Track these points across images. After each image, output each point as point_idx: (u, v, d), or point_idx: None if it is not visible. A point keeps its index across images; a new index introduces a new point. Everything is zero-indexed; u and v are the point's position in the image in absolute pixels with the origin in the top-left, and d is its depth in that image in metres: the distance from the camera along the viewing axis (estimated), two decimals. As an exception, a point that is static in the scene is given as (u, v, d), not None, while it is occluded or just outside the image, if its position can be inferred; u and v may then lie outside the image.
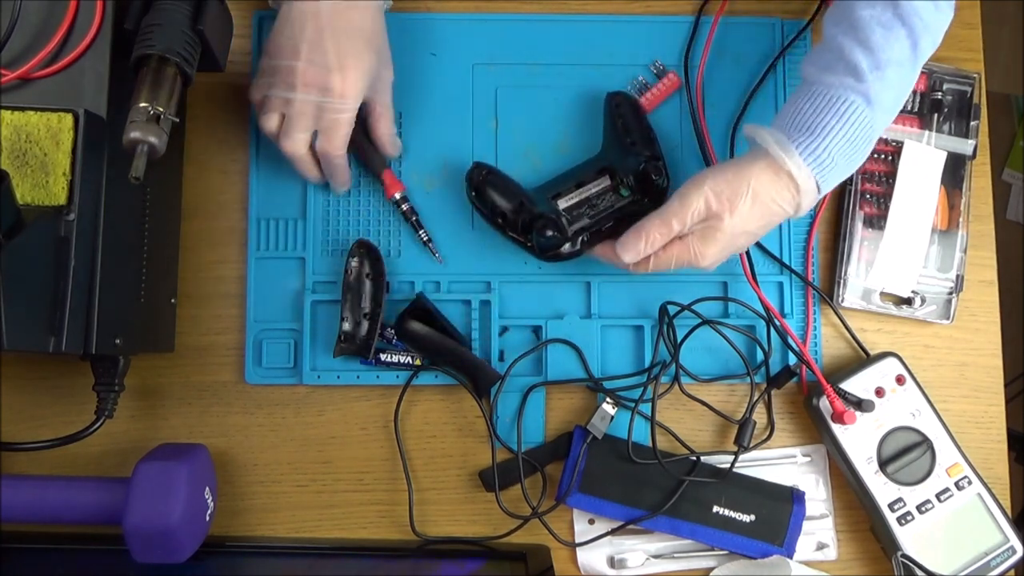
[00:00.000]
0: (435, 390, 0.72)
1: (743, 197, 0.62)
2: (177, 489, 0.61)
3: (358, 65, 0.63)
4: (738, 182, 0.62)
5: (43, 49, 0.60)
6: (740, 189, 0.62)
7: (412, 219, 0.72)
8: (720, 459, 0.71)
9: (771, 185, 0.62)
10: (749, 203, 0.62)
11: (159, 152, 0.57)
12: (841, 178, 0.64)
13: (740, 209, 0.62)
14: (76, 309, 0.58)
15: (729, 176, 0.62)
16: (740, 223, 0.62)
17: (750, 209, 0.62)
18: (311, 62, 0.62)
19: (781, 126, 0.63)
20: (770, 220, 0.64)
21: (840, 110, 0.61)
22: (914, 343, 0.74)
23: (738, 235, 0.63)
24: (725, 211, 0.62)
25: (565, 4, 0.76)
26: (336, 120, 0.64)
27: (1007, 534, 0.68)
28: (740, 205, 0.62)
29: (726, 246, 0.64)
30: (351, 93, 0.63)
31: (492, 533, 0.71)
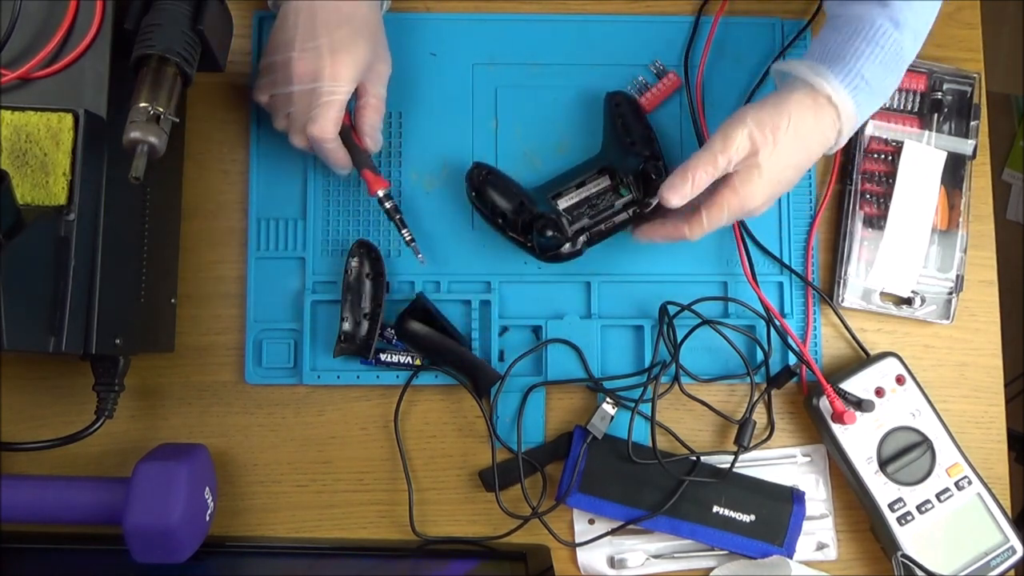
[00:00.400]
0: (435, 390, 0.72)
1: (784, 128, 0.61)
2: (177, 489, 0.61)
3: (349, 50, 0.63)
4: (778, 114, 0.62)
5: (43, 49, 0.60)
6: (781, 121, 0.61)
7: (396, 217, 0.70)
8: (720, 459, 0.71)
9: (811, 113, 0.62)
10: (792, 134, 0.61)
11: (159, 152, 0.57)
12: (877, 104, 0.64)
13: (783, 141, 0.61)
14: (76, 309, 0.58)
15: (769, 109, 0.62)
16: (784, 156, 0.62)
17: (793, 140, 0.62)
18: (303, 51, 0.63)
19: (812, 57, 0.63)
20: (812, 151, 0.64)
21: (869, 35, 0.61)
22: (914, 343, 0.74)
23: (783, 169, 0.63)
24: (768, 144, 0.61)
25: (565, 4, 0.76)
26: (326, 103, 0.63)
27: (1007, 534, 0.68)
28: (782, 137, 0.61)
29: (773, 182, 0.63)
30: (341, 76, 0.63)
31: (492, 533, 0.71)
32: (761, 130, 0.61)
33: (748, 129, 0.61)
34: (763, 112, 0.62)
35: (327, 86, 0.63)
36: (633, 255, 0.72)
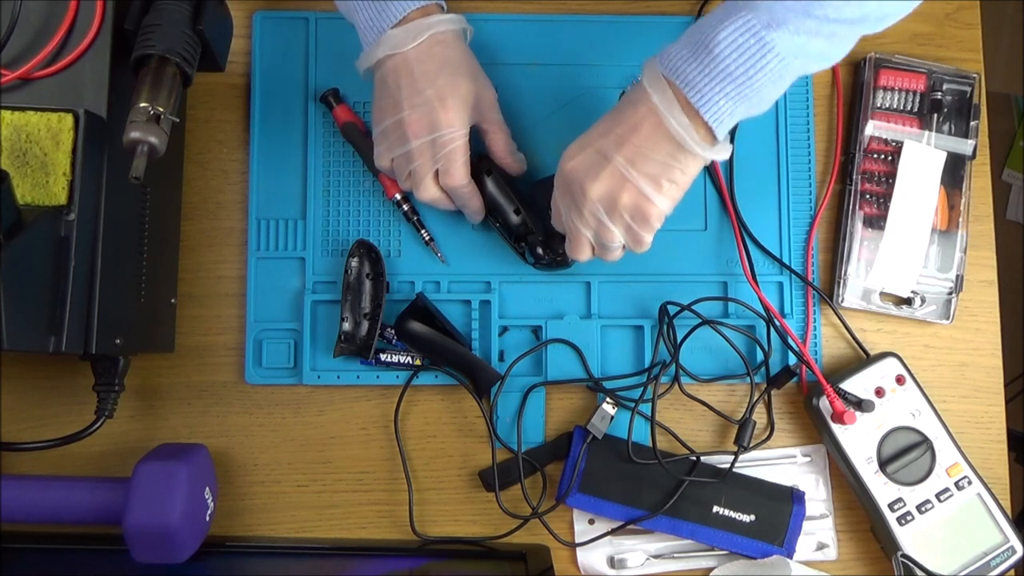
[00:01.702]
0: (435, 390, 0.72)
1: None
2: (177, 489, 0.61)
3: (456, 93, 0.63)
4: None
5: (43, 49, 0.60)
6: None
7: (413, 219, 0.72)
8: (720, 459, 0.71)
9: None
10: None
11: (159, 152, 0.57)
12: (723, 94, 0.53)
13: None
14: (76, 309, 0.58)
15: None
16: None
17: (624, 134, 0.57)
18: (413, 108, 0.63)
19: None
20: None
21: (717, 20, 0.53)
22: (914, 343, 0.74)
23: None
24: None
25: (565, 4, 0.76)
26: (450, 152, 0.63)
27: (1007, 534, 0.68)
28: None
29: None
30: (456, 121, 0.63)
31: (492, 533, 0.71)
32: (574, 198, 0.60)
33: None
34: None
35: (446, 135, 0.63)
36: (633, 255, 0.72)
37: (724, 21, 0.52)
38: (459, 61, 0.64)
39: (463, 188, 0.66)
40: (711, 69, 0.53)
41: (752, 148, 0.75)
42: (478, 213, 0.69)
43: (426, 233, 0.72)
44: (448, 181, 0.65)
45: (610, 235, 0.60)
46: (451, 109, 0.63)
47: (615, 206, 0.58)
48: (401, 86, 0.63)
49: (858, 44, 0.78)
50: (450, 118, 0.63)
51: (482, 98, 0.66)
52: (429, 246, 0.72)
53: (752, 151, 0.75)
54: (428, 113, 0.62)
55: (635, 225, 0.59)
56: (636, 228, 0.60)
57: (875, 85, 0.74)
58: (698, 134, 0.55)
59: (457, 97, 0.63)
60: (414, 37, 0.62)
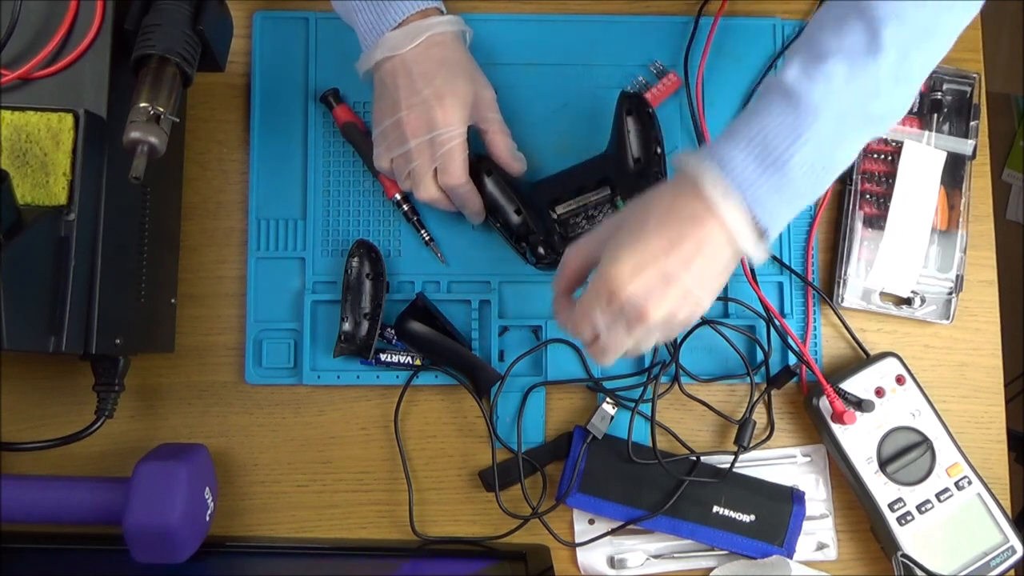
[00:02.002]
0: (435, 390, 0.72)
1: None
2: (177, 489, 0.61)
3: (453, 93, 0.63)
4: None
5: (43, 49, 0.60)
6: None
7: (413, 219, 0.72)
8: (720, 459, 0.71)
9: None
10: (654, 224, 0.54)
11: (159, 152, 0.57)
12: (765, 189, 0.52)
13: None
14: (76, 309, 0.58)
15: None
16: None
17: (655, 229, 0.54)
18: (411, 107, 0.63)
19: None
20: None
21: (756, 108, 0.53)
22: (914, 343, 0.74)
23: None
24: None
25: (565, 4, 0.76)
26: (448, 151, 0.63)
27: (1007, 534, 0.68)
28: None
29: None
30: (453, 119, 0.63)
31: (492, 533, 0.71)
32: (626, 316, 0.53)
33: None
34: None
35: (444, 133, 0.63)
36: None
37: (795, 135, 0.51)
38: (457, 62, 0.65)
39: (462, 187, 0.66)
40: (783, 191, 0.51)
41: (752, 148, 0.74)
42: (478, 214, 0.69)
43: (426, 233, 0.72)
44: (447, 180, 0.65)
45: (652, 344, 0.56)
46: (448, 108, 0.63)
47: (671, 321, 0.54)
48: (399, 87, 0.63)
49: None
50: (447, 117, 0.63)
51: (481, 98, 0.66)
52: (429, 246, 0.72)
53: (752, 151, 0.74)
54: (426, 112, 0.63)
55: (678, 330, 0.56)
56: (677, 332, 0.56)
57: (875, 85, 0.74)
58: (759, 244, 0.53)
59: (455, 96, 0.63)
60: (412, 39, 0.62)
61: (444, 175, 0.65)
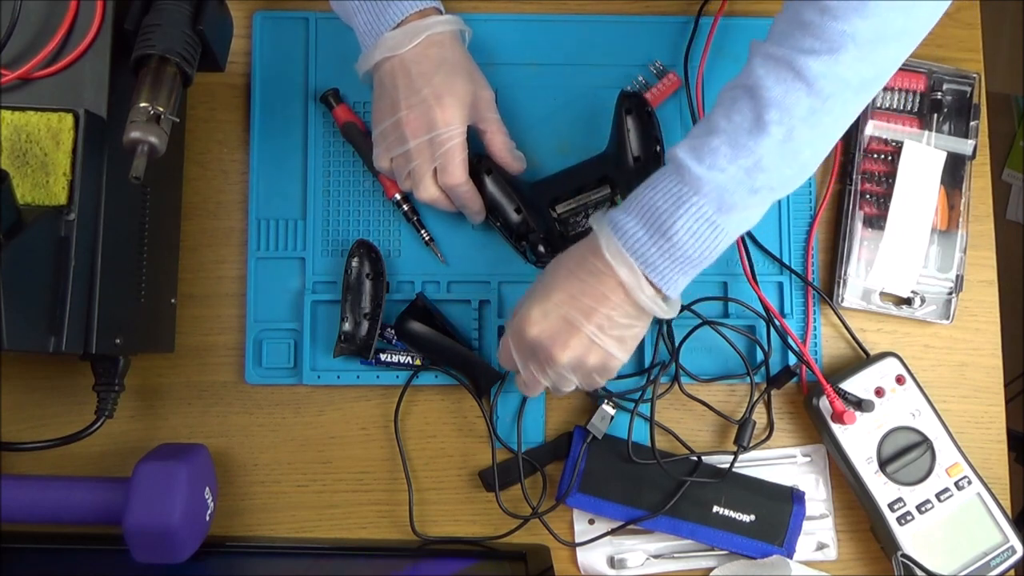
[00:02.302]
0: (435, 390, 0.72)
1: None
2: (177, 489, 0.61)
3: (452, 92, 0.63)
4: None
5: (43, 49, 0.60)
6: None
7: (413, 219, 0.72)
8: (720, 459, 0.71)
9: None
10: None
11: (159, 152, 0.57)
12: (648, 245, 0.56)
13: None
14: (76, 309, 0.58)
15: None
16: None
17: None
18: (411, 108, 0.63)
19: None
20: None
21: (652, 179, 0.57)
22: (914, 343, 0.74)
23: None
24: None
25: (565, 4, 0.76)
26: (448, 151, 0.64)
27: (1007, 534, 0.68)
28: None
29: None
30: (453, 119, 0.63)
31: (492, 533, 0.71)
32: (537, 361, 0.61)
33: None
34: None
35: (443, 133, 0.63)
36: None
37: (678, 206, 0.55)
38: (456, 61, 0.65)
39: (462, 187, 0.66)
40: (671, 255, 0.56)
41: (752, 148, 0.75)
42: (478, 214, 0.69)
43: (426, 233, 0.72)
44: (447, 179, 0.65)
45: (570, 386, 0.62)
46: (448, 108, 0.63)
47: (582, 367, 0.60)
48: (398, 87, 0.63)
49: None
50: (447, 117, 0.63)
51: (479, 98, 0.66)
52: (429, 246, 0.72)
53: (752, 151, 0.75)
54: (425, 112, 0.63)
55: (597, 377, 0.61)
56: (598, 379, 0.62)
57: (875, 85, 0.74)
58: (660, 301, 0.58)
59: (453, 96, 0.63)
60: (411, 39, 0.63)
61: (444, 175, 0.65)
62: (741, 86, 0.55)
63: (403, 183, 0.67)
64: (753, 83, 0.54)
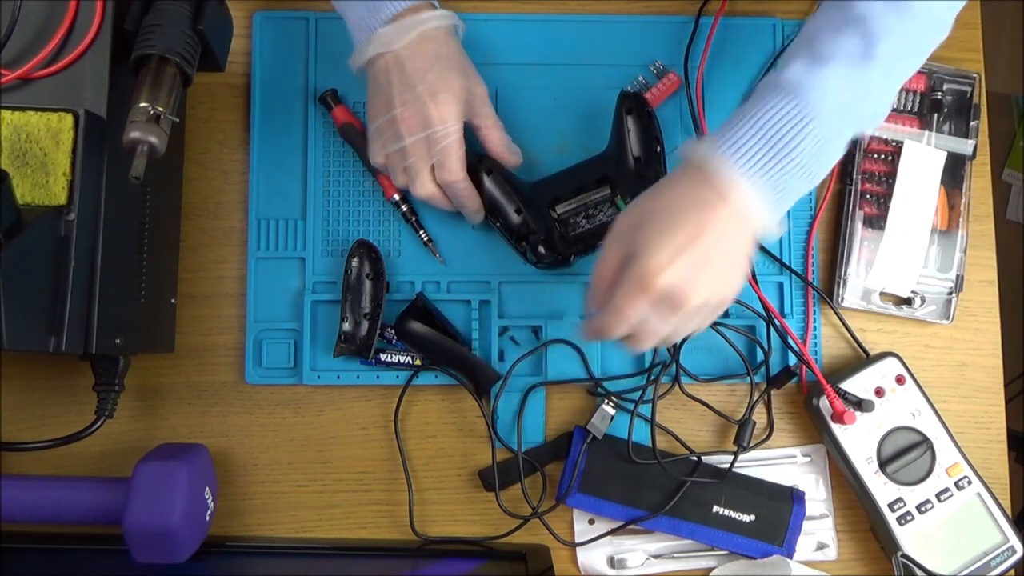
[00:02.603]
0: (435, 390, 0.72)
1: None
2: (177, 489, 0.61)
3: (448, 88, 0.63)
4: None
5: (43, 49, 0.60)
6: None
7: (412, 220, 0.72)
8: (720, 459, 0.71)
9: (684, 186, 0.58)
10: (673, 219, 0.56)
11: (159, 152, 0.57)
12: (769, 174, 0.56)
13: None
14: (76, 309, 0.58)
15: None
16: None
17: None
18: (406, 105, 0.63)
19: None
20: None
21: (758, 103, 0.56)
22: (914, 343, 0.74)
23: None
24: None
25: (565, 4, 0.76)
26: (445, 147, 0.63)
27: (1007, 534, 0.68)
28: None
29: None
30: (449, 116, 0.63)
31: (492, 533, 0.71)
32: (669, 299, 0.55)
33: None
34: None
35: (440, 130, 0.63)
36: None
37: (799, 129, 0.55)
38: (450, 57, 0.64)
39: (459, 184, 0.65)
40: (786, 176, 0.56)
41: (752, 148, 0.75)
42: (476, 213, 0.68)
43: (424, 234, 0.72)
44: (445, 176, 0.65)
45: (689, 331, 0.59)
46: (443, 104, 0.63)
47: (707, 307, 0.57)
48: (392, 83, 0.63)
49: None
50: (443, 113, 0.63)
51: (474, 94, 0.66)
52: (428, 247, 0.72)
53: (752, 151, 0.74)
54: (420, 109, 0.63)
55: (718, 315, 0.59)
56: (715, 318, 0.59)
57: (875, 85, 0.74)
58: (772, 224, 0.57)
59: (449, 92, 0.63)
60: (404, 34, 0.62)
61: (442, 171, 0.65)
62: (842, 15, 0.56)
63: (398, 179, 0.67)
64: (860, 13, 0.55)
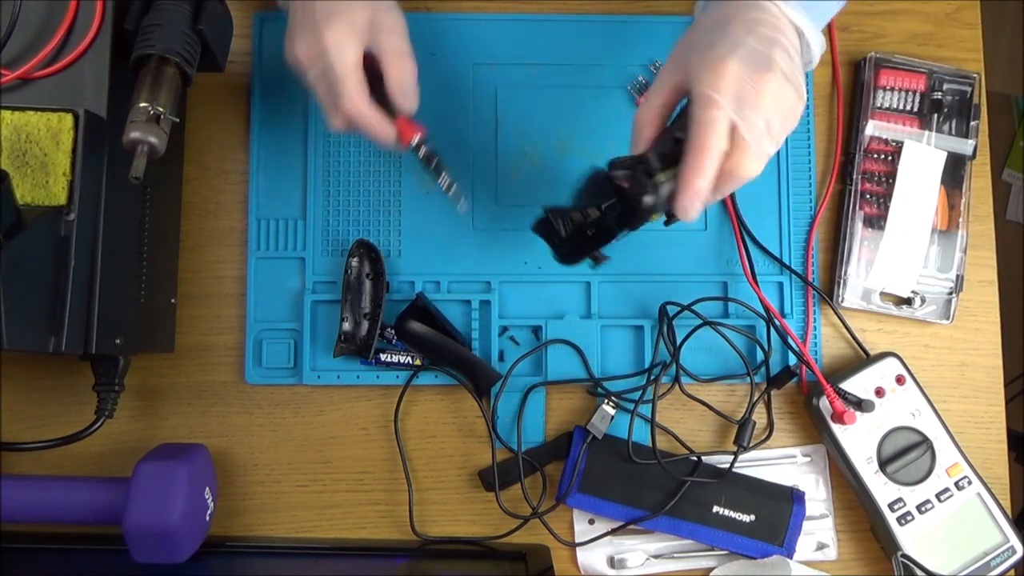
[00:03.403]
0: (435, 390, 0.72)
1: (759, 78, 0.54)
2: (177, 489, 0.61)
3: (339, 15, 0.58)
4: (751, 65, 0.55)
5: (43, 49, 0.60)
6: (755, 75, 0.54)
7: (432, 163, 0.64)
8: (720, 459, 0.71)
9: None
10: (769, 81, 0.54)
11: (159, 152, 0.57)
12: None
13: (764, 93, 0.54)
14: (76, 309, 0.58)
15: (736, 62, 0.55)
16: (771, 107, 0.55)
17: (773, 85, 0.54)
18: (301, 37, 0.59)
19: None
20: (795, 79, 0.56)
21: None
22: (914, 343, 0.74)
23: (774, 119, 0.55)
24: (751, 114, 0.54)
25: (565, 4, 0.76)
26: (339, 76, 0.58)
27: (1007, 534, 0.68)
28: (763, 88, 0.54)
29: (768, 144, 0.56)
30: (340, 43, 0.58)
31: (492, 533, 0.71)
32: (740, 107, 0.53)
33: (725, 115, 0.53)
34: (727, 73, 0.53)
35: (332, 59, 0.58)
36: (633, 255, 0.72)
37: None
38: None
39: (363, 116, 0.60)
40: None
41: (752, 148, 0.75)
42: (389, 141, 0.62)
43: (446, 178, 0.65)
44: (346, 107, 0.59)
45: (779, 138, 0.55)
46: (334, 32, 0.58)
47: (780, 110, 0.54)
48: (296, 11, 0.60)
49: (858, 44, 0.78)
50: (334, 40, 0.58)
51: (377, 23, 0.60)
52: (450, 193, 0.65)
53: (752, 151, 0.75)
54: (313, 39, 0.58)
55: (788, 125, 0.55)
56: (786, 130, 0.55)
57: (875, 85, 0.74)
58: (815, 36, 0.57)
59: (340, 19, 0.58)
60: None
61: (342, 103, 0.59)
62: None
63: (328, 123, 0.61)
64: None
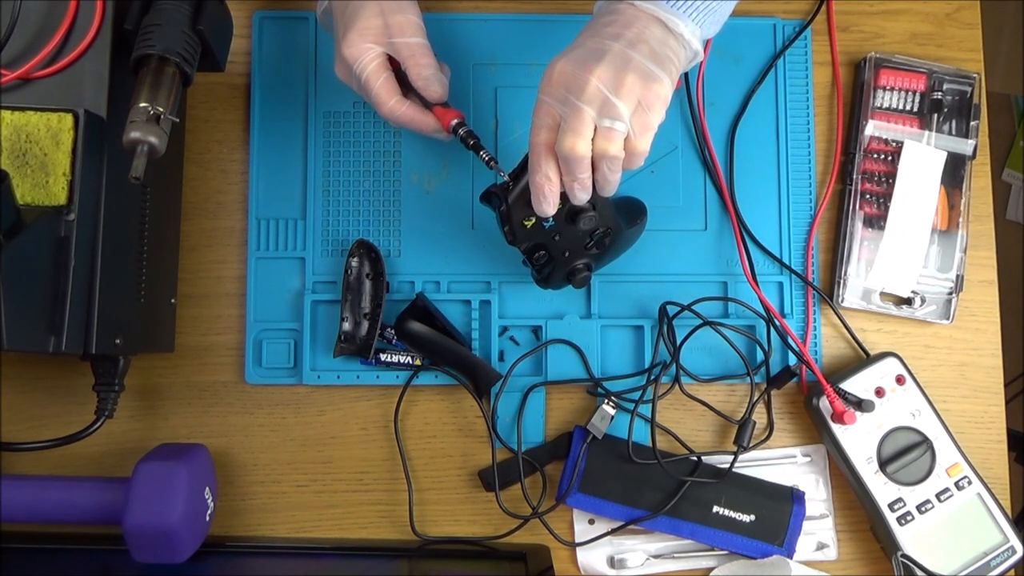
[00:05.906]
0: (435, 390, 0.72)
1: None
2: (177, 489, 0.61)
3: (355, 23, 0.63)
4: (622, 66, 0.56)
5: (43, 49, 0.60)
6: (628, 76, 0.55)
7: (471, 143, 0.65)
8: (720, 459, 0.71)
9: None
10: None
11: (159, 152, 0.57)
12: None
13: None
14: (76, 309, 0.58)
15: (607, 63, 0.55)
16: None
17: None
18: (336, 56, 0.64)
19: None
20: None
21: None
22: (914, 343, 0.74)
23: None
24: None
25: (565, 4, 0.76)
26: (365, 81, 0.63)
27: (1007, 534, 0.68)
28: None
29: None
30: (358, 50, 0.63)
31: (492, 533, 0.71)
32: (565, 100, 0.54)
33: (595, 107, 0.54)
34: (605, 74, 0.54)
35: (357, 71, 0.63)
36: (633, 255, 0.72)
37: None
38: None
39: (395, 114, 0.64)
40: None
41: (752, 148, 0.75)
42: (430, 130, 0.65)
43: (485, 154, 0.64)
44: (381, 110, 0.64)
45: (618, 111, 0.54)
46: (351, 41, 0.63)
47: (622, 86, 0.54)
48: (336, 26, 0.65)
49: (858, 44, 0.78)
50: (352, 51, 0.63)
51: (393, 25, 0.63)
52: (491, 165, 0.64)
53: (752, 151, 0.75)
54: (342, 52, 0.63)
55: (644, 105, 0.55)
56: (645, 111, 0.55)
57: (875, 85, 0.74)
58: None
59: (355, 28, 0.63)
60: None
61: (377, 108, 0.64)
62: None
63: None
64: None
